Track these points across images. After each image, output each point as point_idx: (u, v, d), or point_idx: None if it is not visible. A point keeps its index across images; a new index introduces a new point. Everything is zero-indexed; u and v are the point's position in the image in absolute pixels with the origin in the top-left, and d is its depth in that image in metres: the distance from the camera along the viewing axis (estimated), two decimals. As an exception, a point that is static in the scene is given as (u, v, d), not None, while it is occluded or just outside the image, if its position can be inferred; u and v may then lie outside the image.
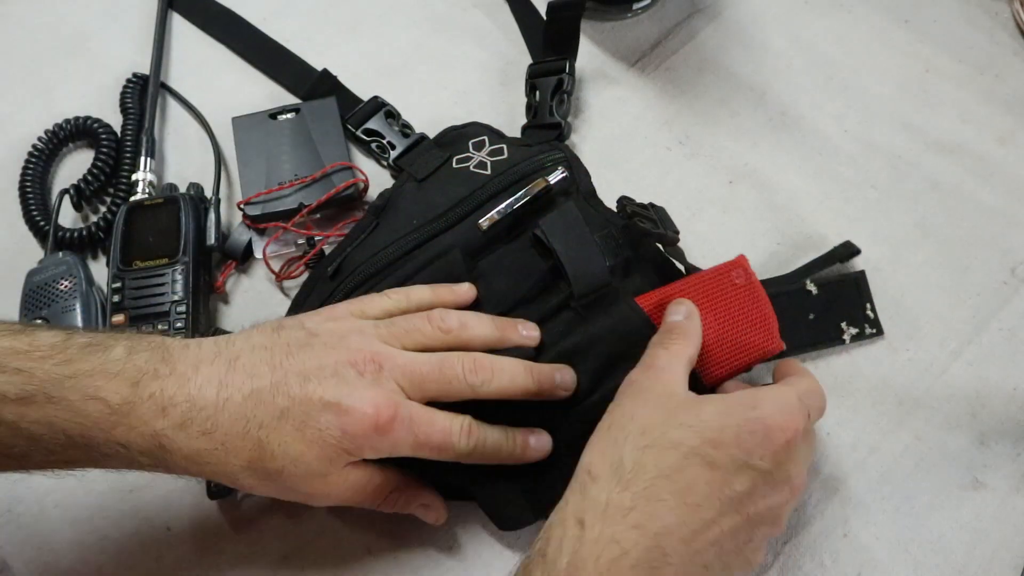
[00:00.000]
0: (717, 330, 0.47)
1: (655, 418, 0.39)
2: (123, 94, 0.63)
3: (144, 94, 0.63)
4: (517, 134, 0.60)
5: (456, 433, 0.42)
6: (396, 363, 0.42)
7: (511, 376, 0.44)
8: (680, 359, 0.42)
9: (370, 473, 0.43)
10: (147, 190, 0.59)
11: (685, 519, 0.37)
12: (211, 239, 0.56)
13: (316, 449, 0.40)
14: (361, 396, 0.40)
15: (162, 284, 0.53)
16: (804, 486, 0.41)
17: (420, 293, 0.48)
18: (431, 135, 0.60)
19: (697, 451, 0.38)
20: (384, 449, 0.41)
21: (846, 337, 0.53)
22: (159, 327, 0.52)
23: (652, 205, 0.53)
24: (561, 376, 0.45)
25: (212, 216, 0.57)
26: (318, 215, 0.58)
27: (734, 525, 0.38)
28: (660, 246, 0.53)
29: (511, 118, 0.62)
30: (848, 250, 0.54)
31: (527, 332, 0.47)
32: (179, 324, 0.52)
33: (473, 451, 0.43)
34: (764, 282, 0.55)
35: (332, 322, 0.44)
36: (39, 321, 0.53)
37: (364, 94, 0.63)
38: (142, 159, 0.59)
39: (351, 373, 0.41)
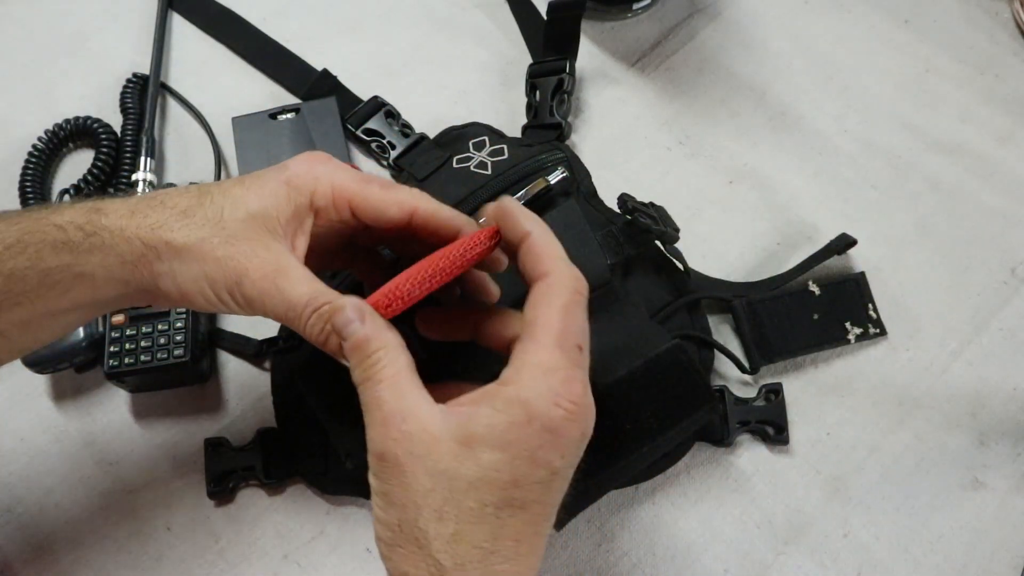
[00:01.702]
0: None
1: (440, 494, 0.32)
2: (123, 94, 0.63)
3: (144, 94, 0.63)
4: (517, 134, 0.60)
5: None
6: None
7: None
8: (403, 380, 0.34)
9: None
10: (147, 190, 0.59)
11: (528, 568, 0.34)
12: (211, 239, 0.56)
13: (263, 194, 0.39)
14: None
15: (162, 284, 0.53)
16: (593, 417, 0.35)
17: None
18: (431, 135, 0.60)
19: (502, 503, 0.33)
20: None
21: (851, 337, 0.53)
22: (159, 327, 0.51)
23: (652, 204, 0.53)
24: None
25: (212, 216, 0.57)
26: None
27: (558, 505, 0.35)
28: (660, 245, 0.53)
29: (511, 118, 0.62)
30: (844, 241, 0.54)
31: None
32: (179, 324, 0.52)
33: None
34: (764, 282, 0.55)
35: None
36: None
37: (364, 94, 0.63)
38: (142, 159, 0.59)
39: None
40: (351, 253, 0.45)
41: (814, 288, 0.54)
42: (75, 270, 0.37)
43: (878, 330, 0.54)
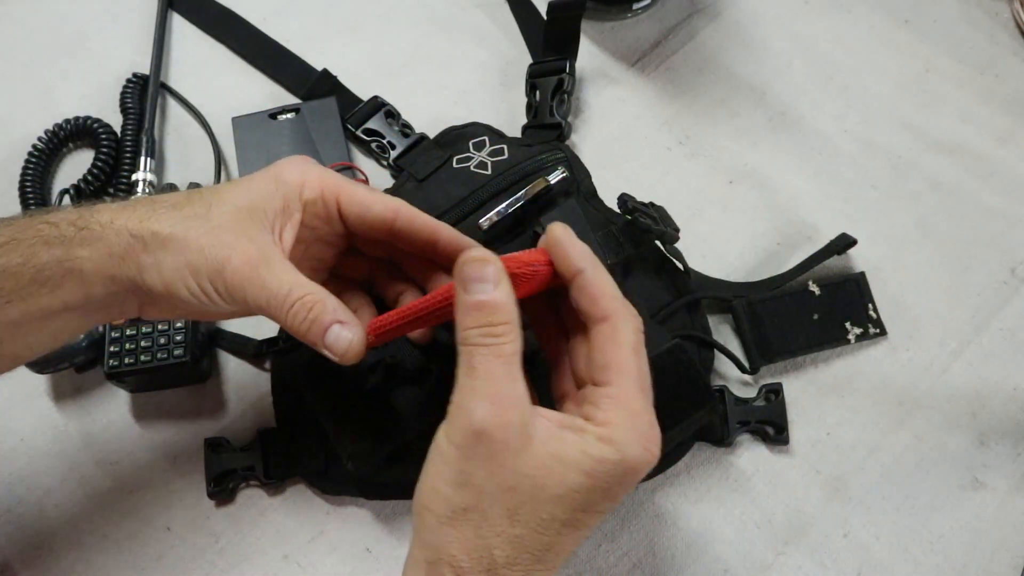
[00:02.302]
0: None
1: (521, 495, 0.33)
2: (123, 94, 0.63)
3: (144, 94, 0.63)
4: (517, 134, 0.60)
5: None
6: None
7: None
8: (516, 367, 0.34)
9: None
10: (147, 190, 0.59)
11: (555, 568, 0.35)
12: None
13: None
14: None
15: (162, 284, 0.53)
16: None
17: None
18: (431, 135, 0.60)
19: (568, 523, 0.34)
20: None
21: (851, 337, 0.53)
22: (159, 327, 0.51)
23: (652, 204, 0.53)
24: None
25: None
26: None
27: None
28: (660, 245, 0.53)
29: (511, 118, 0.62)
30: (844, 241, 0.54)
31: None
32: (179, 324, 0.52)
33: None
34: (764, 282, 0.55)
35: None
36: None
37: (364, 94, 0.63)
38: (142, 159, 0.59)
39: None
40: (335, 287, 0.46)
41: (814, 288, 0.54)
42: (66, 265, 0.38)
43: (878, 330, 0.54)
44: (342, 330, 0.38)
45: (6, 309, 0.37)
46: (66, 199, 0.59)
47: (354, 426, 0.45)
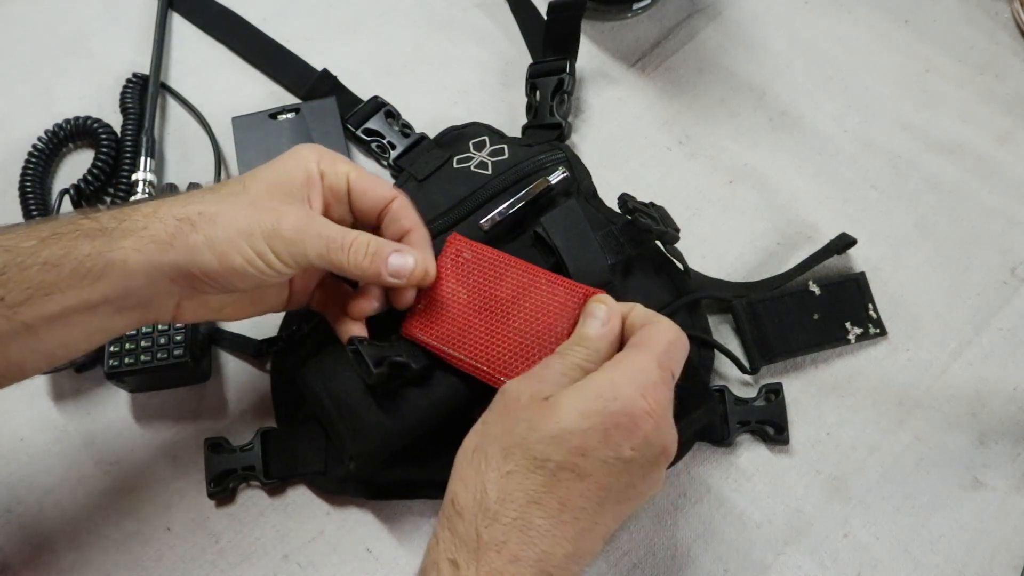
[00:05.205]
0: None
1: (515, 435, 0.36)
2: (123, 94, 0.63)
3: (144, 94, 0.63)
4: (517, 134, 0.60)
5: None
6: None
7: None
8: (570, 370, 0.39)
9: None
10: (147, 190, 0.59)
11: (564, 536, 0.35)
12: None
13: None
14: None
15: (162, 284, 0.53)
16: (675, 440, 0.38)
17: None
18: (431, 135, 0.60)
19: (563, 466, 0.35)
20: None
21: (851, 337, 0.53)
22: (159, 327, 0.51)
23: (653, 204, 0.53)
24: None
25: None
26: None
27: (618, 513, 0.37)
28: (660, 245, 0.53)
29: (511, 118, 0.62)
30: (844, 241, 0.54)
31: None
32: (178, 324, 0.52)
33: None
34: (764, 282, 0.55)
35: None
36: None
37: (364, 94, 0.63)
38: (142, 159, 0.59)
39: None
40: (324, 295, 0.48)
41: (814, 288, 0.54)
42: (107, 256, 0.38)
43: (878, 330, 0.54)
44: (401, 256, 0.43)
45: (45, 303, 0.38)
46: (66, 199, 0.59)
47: (357, 427, 0.45)
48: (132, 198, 0.58)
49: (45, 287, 0.37)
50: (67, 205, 0.59)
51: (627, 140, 0.62)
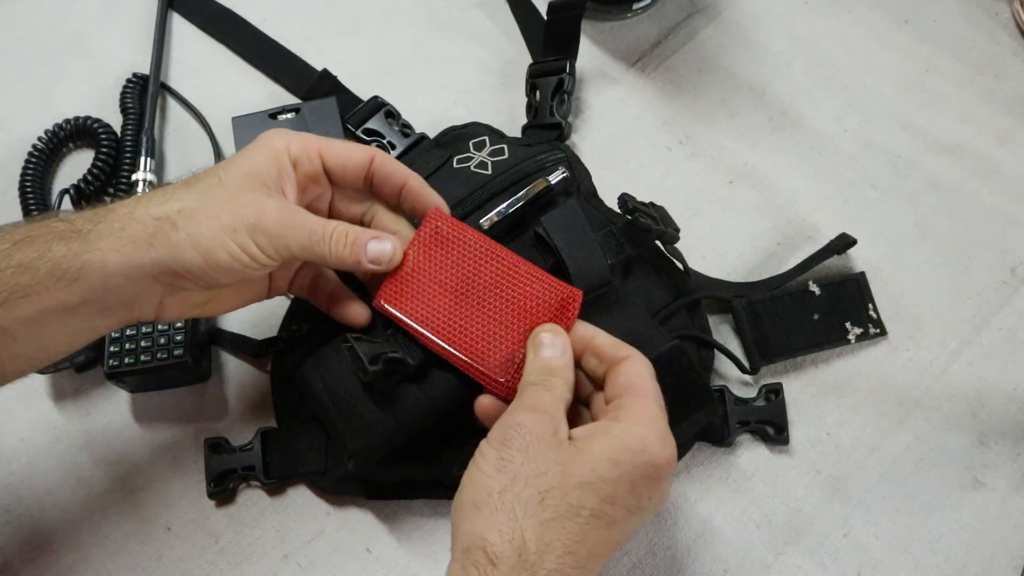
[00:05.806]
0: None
1: (551, 479, 0.36)
2: (123, 94, 0.63)
3: (144, 94, 0.63)
4: (517, 134, 0.60)
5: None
6: None
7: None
8: (561, 403, 0.39)
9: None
10: (147, 190, 0.59)
11: (588, 573, 0.36)
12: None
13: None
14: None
15: (162, 284, 0.53)
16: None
17: None
18: (431, 135, 0.60)
19: (596, 514, 0.36)
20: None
21: (851, 337, 0.53)
22: (159, 327, 0.51)
23: (653, 204, 0.53)
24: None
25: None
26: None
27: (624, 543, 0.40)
28: (660, 245, 0.53)
29: (511, 118, 0.62)
30: (844, 241, 0.54)
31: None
32: (178, 324, 0.52)
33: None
34: (764, 282, 0.55)
35: None
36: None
37: (364, 94, 0.63)
38: (142, 159, 0.59)
39: None
40: (314, 285, 0.48)
41: (814, 288, 0.54)
42: (83, 257, 0.38)
43: (878, 330, 0.54)
44: (379, 242, 0.44)
45: (22, 305, 0.37)
46: (66, 199, 0.59)
47: (355, 424, 0.45)
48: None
49: (20, 290, 0.37)
50: (67, 205, 0.59)
51: (627, 140, 0.62)
